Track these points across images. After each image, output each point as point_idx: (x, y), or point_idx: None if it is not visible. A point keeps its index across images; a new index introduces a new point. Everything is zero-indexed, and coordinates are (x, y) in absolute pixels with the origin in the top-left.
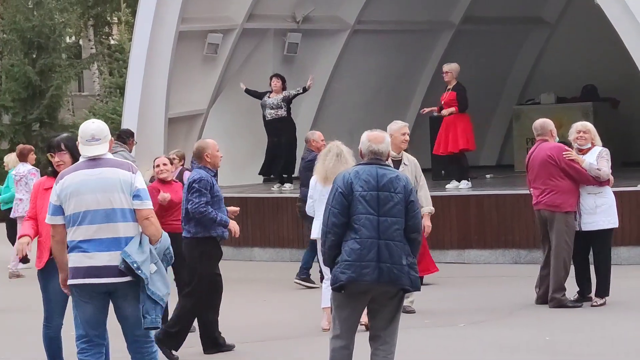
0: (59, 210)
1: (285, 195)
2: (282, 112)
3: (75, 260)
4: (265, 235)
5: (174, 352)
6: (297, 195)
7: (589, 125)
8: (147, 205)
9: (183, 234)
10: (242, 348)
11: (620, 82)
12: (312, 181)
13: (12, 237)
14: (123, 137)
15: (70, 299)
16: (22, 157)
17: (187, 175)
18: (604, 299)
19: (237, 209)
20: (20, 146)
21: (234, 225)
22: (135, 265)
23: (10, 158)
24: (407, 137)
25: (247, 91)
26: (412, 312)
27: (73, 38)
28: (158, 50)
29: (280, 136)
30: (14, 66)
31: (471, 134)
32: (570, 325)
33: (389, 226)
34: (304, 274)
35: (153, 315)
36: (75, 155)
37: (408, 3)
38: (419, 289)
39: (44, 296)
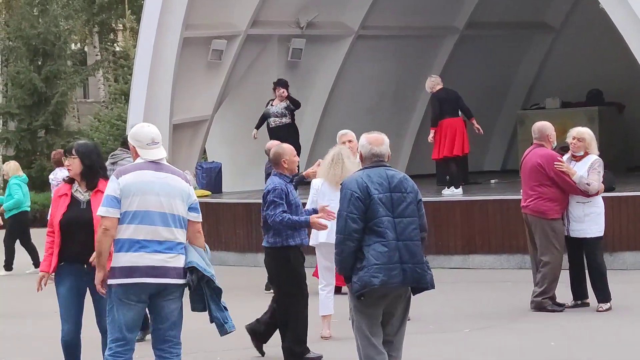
0: (118, 203)
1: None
2: (286, 120)
3: (131, 259)
4: None
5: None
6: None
7: (584, 133)
8: (200, 219)
9: (263, 244)
10: (246, 354)
11: (625, 87)
12: (317, 184)
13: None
14: (127, 144)
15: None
16: (60, 163)
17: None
18: (608, 304)
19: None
20: (61, 150)
21: (315, 221)
22: (213, 277)
23: (9, 166)
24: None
25: (257, 127)
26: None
27: (78, 45)
28: (162, 56)
29: (284, 142)
30: (20, 73)
31: (454, 140)
32: (576, 330)
33: (406, 226)
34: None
35: (230, 320)
36: (84, 162)
37: (412, 9)
38: (434, 287)
39: (58, 301)
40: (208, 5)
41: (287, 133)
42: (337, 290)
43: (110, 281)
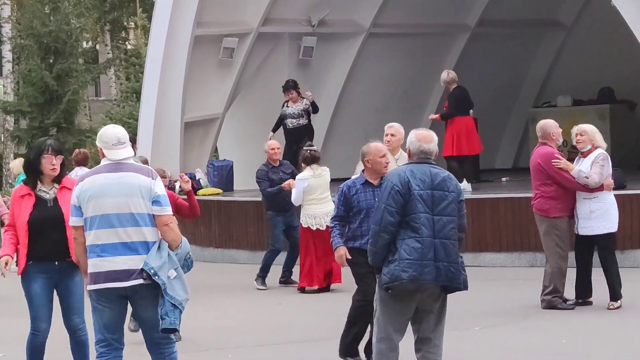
0: (79, 211)
1: None
2: (303, 121)
3: (94, 264)
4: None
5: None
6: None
7: (585, 127)
8: (167, 211)
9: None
10: (257, 351)
11: (637, 84)
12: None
13: None
14: (135, 142)
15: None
16: (82, 162)
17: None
18: (619, 302)
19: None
20: (81, 150)
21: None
22: (152, 271)
23: (14, 164)
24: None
25: (274, 130)
26: None
27: (90, 43)
28: (174, 54)
29: (299, 143)
30: (31, 71)
31: (454, 140)
32: (587, 328)
33: (444, 225)
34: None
35: (172, 317)
36: (63, 160)
37: (423, 7)
38: (467, 288)
39: (27, 301)
40: (219, 3)
41: (304, 134)
42: (301, 290)
43: (87, 287)
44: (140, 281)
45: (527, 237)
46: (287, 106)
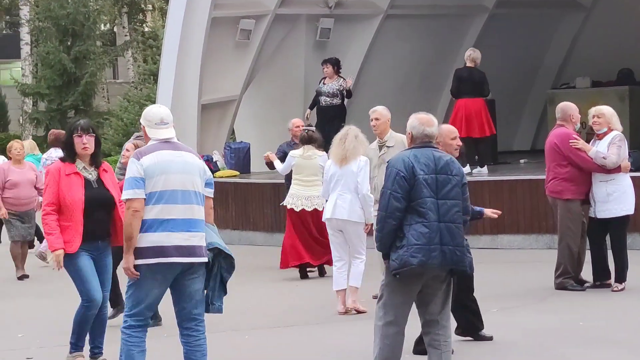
0: (142, 184)
1: None
2: (337, 101)
3: (157, 239)
4: None
5: (483, 333)
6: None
7: (603, 109)
8: (212, 194)
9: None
10: (273, 332)
11: None
12: (327, 164)
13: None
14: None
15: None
16: (57, 143)
17: None
18: (623, 285)
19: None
20: (56, 131)
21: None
22: (222, 246)
23: (24, 144)
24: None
25: (311, 108)
26: None
27: (107, 25)
28: (191, 36)
29: (331, 123)
30: (49, 53)
31: (458, 121)
32: (604, 310)
33: (449, 209)
34: None
35: (220, 302)
36: (97, 140)
37: None
38: (473, 271)
39: (77, 275)
40: None
41: (335, 114)
42: (305, 276)
43: (138, 261)
44: (202, 259)
45: (544, 220)
46: (324, 83)
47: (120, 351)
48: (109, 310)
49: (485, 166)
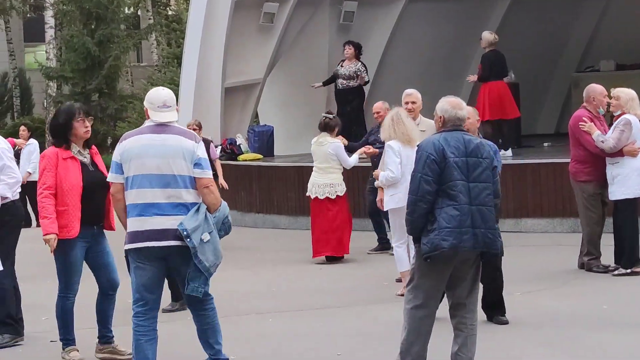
0: (120, 169)
1: None
2: (353, 83)
3: (133, 224)
4: None
5: (501, 317)
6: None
7: (620, 91)
8: (207, 174)
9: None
10: (296, 315)
11: None
12: (396, 146)
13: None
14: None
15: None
16: None
17: (212, 147)
18: (629, 270)
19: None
20: None
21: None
22: (185, 232)
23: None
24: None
25: (324, 83)
26: None
27: (131, 9)
28: (214, 20)
29: (349, 106)
30: (73, 37)
31: (486, 104)
32: (628, 294)
33: (480, 192)
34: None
35: (196, 283)
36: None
37: None
38: (503, 254)
39: (65, 266)
40: None
41: (353, 97)
42: (331, 260)
43: (125, 247)
44: (176, 242)
45: (568, 203)
46: (342, 66)
47: (132, 339)
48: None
49: (510, 149)
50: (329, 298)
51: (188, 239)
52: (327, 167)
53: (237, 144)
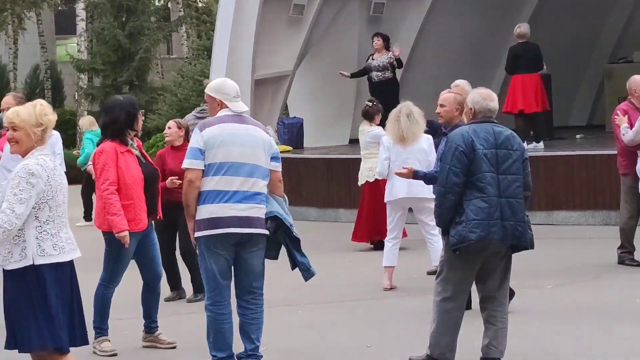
0: (202, 155)
1: None
2: (388, 74)
3: (215, 210)
4: (350, 196)
5: None
6: None
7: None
8: (280, 168)
9: None
10: (325, 307)
11: None
12: (387, 142)
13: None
14: None
15: None
16: None
17: None
18: None
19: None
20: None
21: None
22: (292, 226)
23: (84, 121)
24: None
25: (353, 75)
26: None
27: (161, 1)
28: (244, 12)
29: (384, 97)
30: (104, 29)
31: (515, 96)
32: None
33: (510, 184)
34: None
35: (311, 265)
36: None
37: None
38: (533, 247)
39: (117, 258)
40: None
41: (389, 88)
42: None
43: (197, 234)
44: (260, 231)
45: (601, 195)
46: (373, 59)
47: (207, 328)
48: (167, 293)
49: (541, 141)
50: (357, 290)
51: (295, 232)
52: (367, 153)
53: None
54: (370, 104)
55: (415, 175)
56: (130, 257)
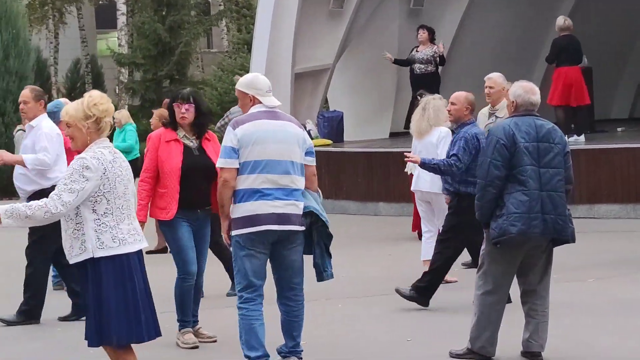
0: (236, 154)
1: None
2: (431, 68)
3: (252, 207)
4: (390, 190)
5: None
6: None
7: None
8: (314, 162)
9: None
10: (365, 301)
11: None
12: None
13: None
14: None
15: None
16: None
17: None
18: None
19: None
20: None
21: None
22: (328, 223)
23: (121, 114)
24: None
25: (396, 61)
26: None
27: None
28: (284, 5)
29: (425, 91)
30: (144, 23)
31: (558, 89)
32: None
33: (551, 177)
34: None
35: (330, 268)
36: (200, 109)
37: None
38: (575, 241)
39: (175, 247)
40: None
41: (431, 81)
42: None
43: (234, 232)
44: (298, 228)
45: None
46: (417, 51)
47: (239, 327)
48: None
49: (583, 135)
50: (397, 283)
51: (320, 215)
52: None
53: (307, 129)
54: (418, 97)
55: (422, 163)
56: (187, 244)
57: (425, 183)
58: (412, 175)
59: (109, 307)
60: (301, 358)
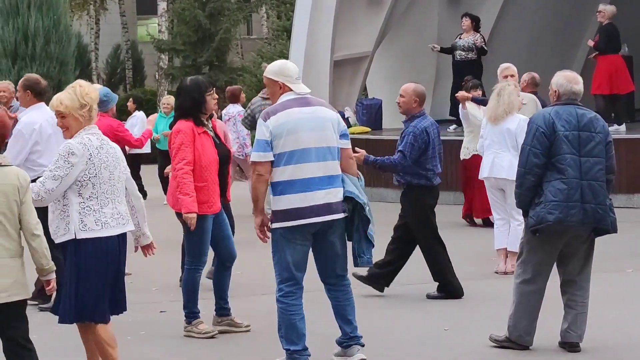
0: (269, 147)
1: (453, 138)
2: (472, 55)
3: (292, 200)
4: None
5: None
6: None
7: None
8: (350, 144)
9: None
10: (408, 290)
11: None
12: (484, 120)
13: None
14: None
15: None
16: (234, 99)
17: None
18: None
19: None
20: (231, 87)
21: None
22: (367, 207)
23: (172, 100)
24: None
25: (442, 49)
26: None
27: None
28: None
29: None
30: (185, 10)
31: (602, 78)
32: None
33: (592, 166)
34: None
35: (369, 255)
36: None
37: None
38: (616, 231)
39: (200, 241)
40: None
41: (470, 69)
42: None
43: (274, 225)
44: (341, 215)
45: None
46: (460, 38)
47: (278, 320)
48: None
49: (623, 124)
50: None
51: (367, 212)
52: (466, 129)
53: (346, 117)
54: (464, 81)
55: (365, 160)
56: (209, 237)
57: (501, 170)
58: (465, 160)
59: (88, 286)
60: (363, 345)
